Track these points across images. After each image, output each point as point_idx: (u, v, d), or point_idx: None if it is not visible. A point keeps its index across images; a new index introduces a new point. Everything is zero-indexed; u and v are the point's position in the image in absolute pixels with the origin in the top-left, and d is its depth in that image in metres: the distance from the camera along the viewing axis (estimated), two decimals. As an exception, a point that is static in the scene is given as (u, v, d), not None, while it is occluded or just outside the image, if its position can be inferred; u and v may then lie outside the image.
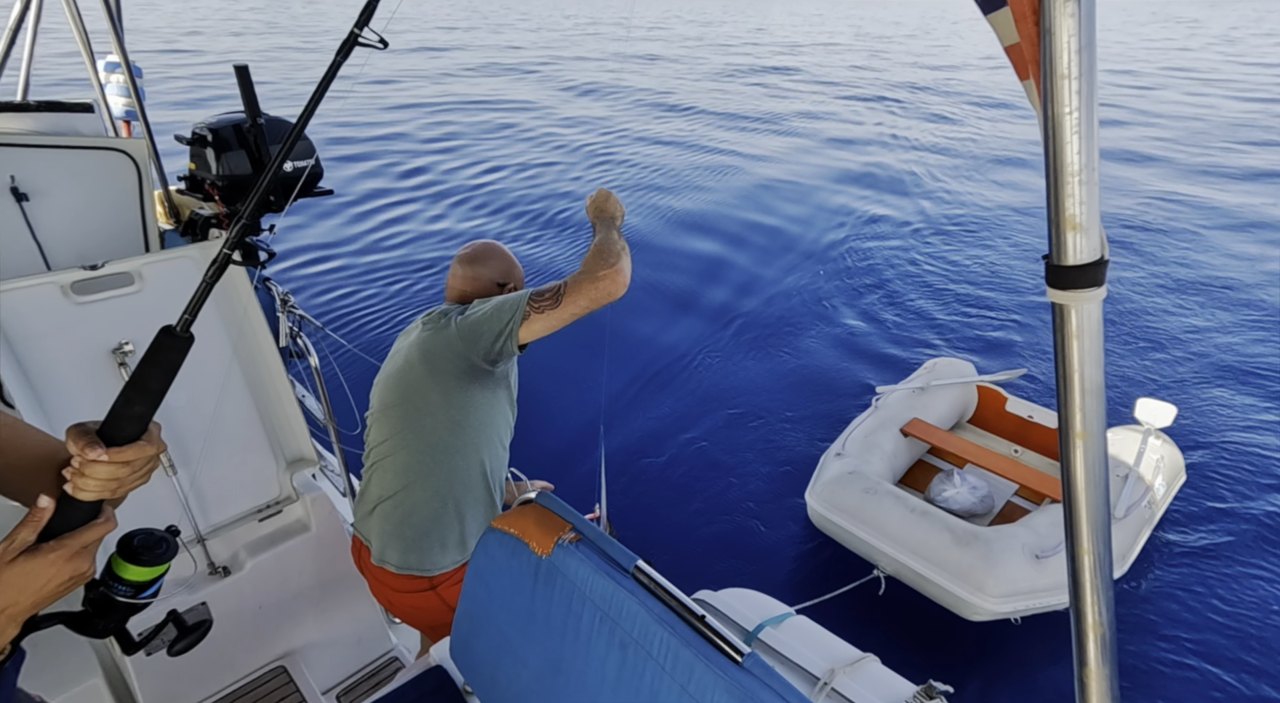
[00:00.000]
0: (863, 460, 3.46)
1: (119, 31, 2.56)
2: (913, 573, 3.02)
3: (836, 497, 3.26)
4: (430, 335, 1.59)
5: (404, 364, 1.62)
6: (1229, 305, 6.41)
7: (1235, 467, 4.29)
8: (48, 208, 2.30)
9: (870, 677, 1.57)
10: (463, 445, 1.62)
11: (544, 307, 1.47)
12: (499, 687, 1.33)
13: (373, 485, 1.70)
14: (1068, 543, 0.79)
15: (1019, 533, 2.99)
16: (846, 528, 3.20)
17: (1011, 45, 0.72)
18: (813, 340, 5.79)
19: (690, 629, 1.07)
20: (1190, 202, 9.27)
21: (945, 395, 4.09)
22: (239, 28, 28.16)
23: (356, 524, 1.77)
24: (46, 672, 1.95)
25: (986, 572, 2.82)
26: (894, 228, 8.43)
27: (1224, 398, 5.03)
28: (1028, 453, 4.04)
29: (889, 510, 3.12)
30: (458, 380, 1.57)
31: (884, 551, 3.07)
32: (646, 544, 3.60)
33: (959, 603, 2.90)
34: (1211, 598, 3.38)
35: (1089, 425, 0.74)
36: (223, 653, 2.12)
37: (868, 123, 14.38)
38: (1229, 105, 16.15)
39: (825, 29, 39.52)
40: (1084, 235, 0.68)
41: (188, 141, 2.53)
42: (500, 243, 1.82)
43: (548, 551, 1.24)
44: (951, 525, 3.01)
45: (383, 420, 1.66)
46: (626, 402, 4.85)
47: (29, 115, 2.31)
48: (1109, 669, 0.81)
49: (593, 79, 19.87)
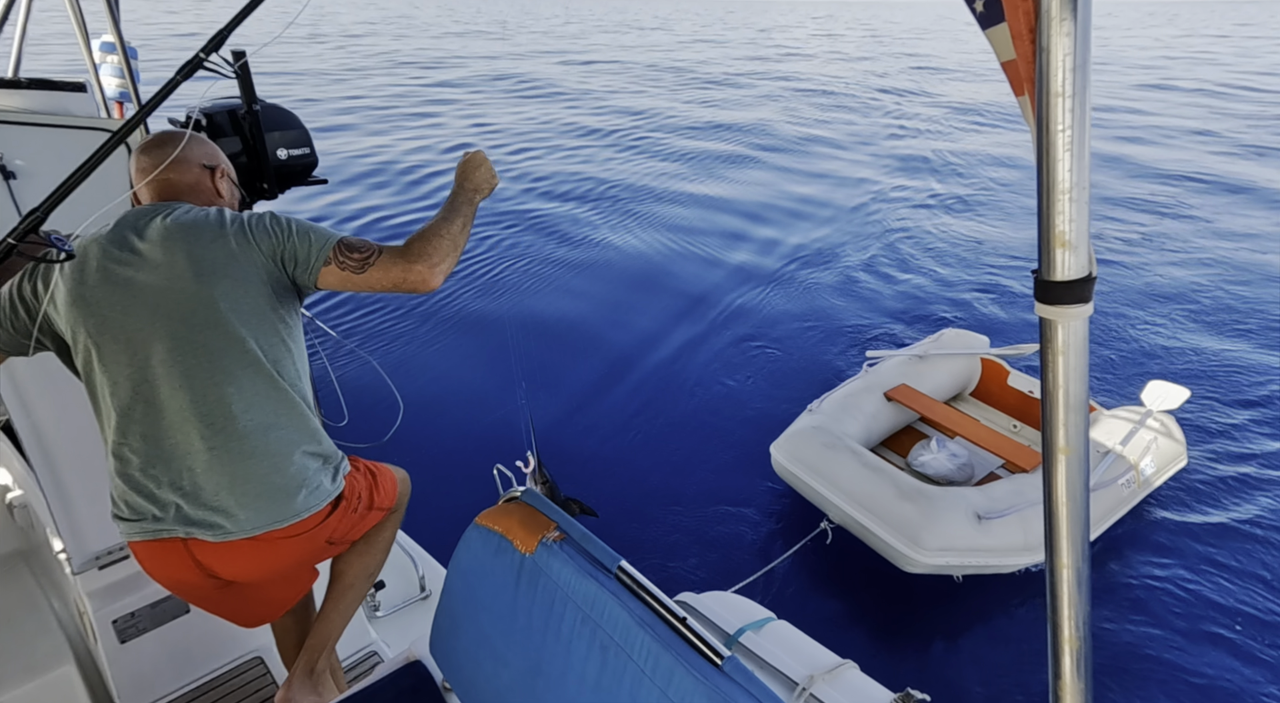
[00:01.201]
0: (833, 419, 3.58)
1: (115, 11, 2.53)
2: (857, 524, 3.13)
3: (798, 449, 3.41)
4: (212, 246, 1.29)
5: (171, 290, 1.27)
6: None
7: (1245, 458, 4.22)
8: (35, 187, 2.26)
9: (848, 684, 1.58)
10: (300, 370, 1.40)
11: (347, 264, 1.31)
12: (478, 686, 1.32)
13: (179, 448, 1.30)
14: (1047, 557, 0.80)
15: (969, 495, 3.07)
16: (801, 478, 3.35)
17: (1008, 61, 0.73)
18: (792, 317, 5.93)
19: (671, 633, 1.07)
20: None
21: (946, 366, 4.11)
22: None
23: (161, 514, 1.33)
24: (18, 658, 1.92)
25: (924, 526, 2.92)
26: (912, 207, 8.65)
27: (1255, 382, 5.00)
28: (1026, 429, 4.06)
29: (843, 464, 3.24)
30: (273, 296, 1.34)
31: (832, 501, 3.20)
32: (630, 550, 3.63)
33: (897, 555, 3.01)
34: (1174, 581, 3.43)
35: (1071, 441, 0.75)
36: (199, 642, 2.10)
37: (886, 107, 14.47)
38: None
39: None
40: (1073, 253, 0.68)
41: (181, 125, 2.51)
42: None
43: (531, 549, 1.24)
44: (900, 482, 3.10)
45: (162, 363, 1.28)
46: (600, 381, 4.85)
47: (19, 92, 2.28)
48: (1084, 683, 0.82)
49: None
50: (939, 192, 9.53)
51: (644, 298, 6.34)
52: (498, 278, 6.63)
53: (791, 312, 6.13)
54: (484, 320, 5.81)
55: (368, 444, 3.81)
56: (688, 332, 5.79)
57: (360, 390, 2.99)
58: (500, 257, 7.11)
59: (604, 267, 7.01)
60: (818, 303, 6.32)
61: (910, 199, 9.20)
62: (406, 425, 4.23)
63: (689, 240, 7.75)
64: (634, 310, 6.09)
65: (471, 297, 6.23)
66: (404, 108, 14.22)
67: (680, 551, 3.58)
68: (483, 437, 4.34)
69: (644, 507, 3.85)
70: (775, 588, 3.29)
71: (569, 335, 5.62)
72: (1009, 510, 3.01)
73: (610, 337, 5.64)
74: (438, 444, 4.23)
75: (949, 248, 7.52)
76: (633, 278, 6.75)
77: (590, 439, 4.41)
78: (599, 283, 6.62)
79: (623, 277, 6.76)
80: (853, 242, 7.70)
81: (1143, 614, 3.23)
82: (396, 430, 3.04)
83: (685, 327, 5.85)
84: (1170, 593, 3.34)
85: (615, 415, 4.65)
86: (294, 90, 15.06)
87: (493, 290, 6.38)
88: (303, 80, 16.96)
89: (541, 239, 7.67)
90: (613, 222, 8.28)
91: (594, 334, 5.66)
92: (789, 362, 5.35)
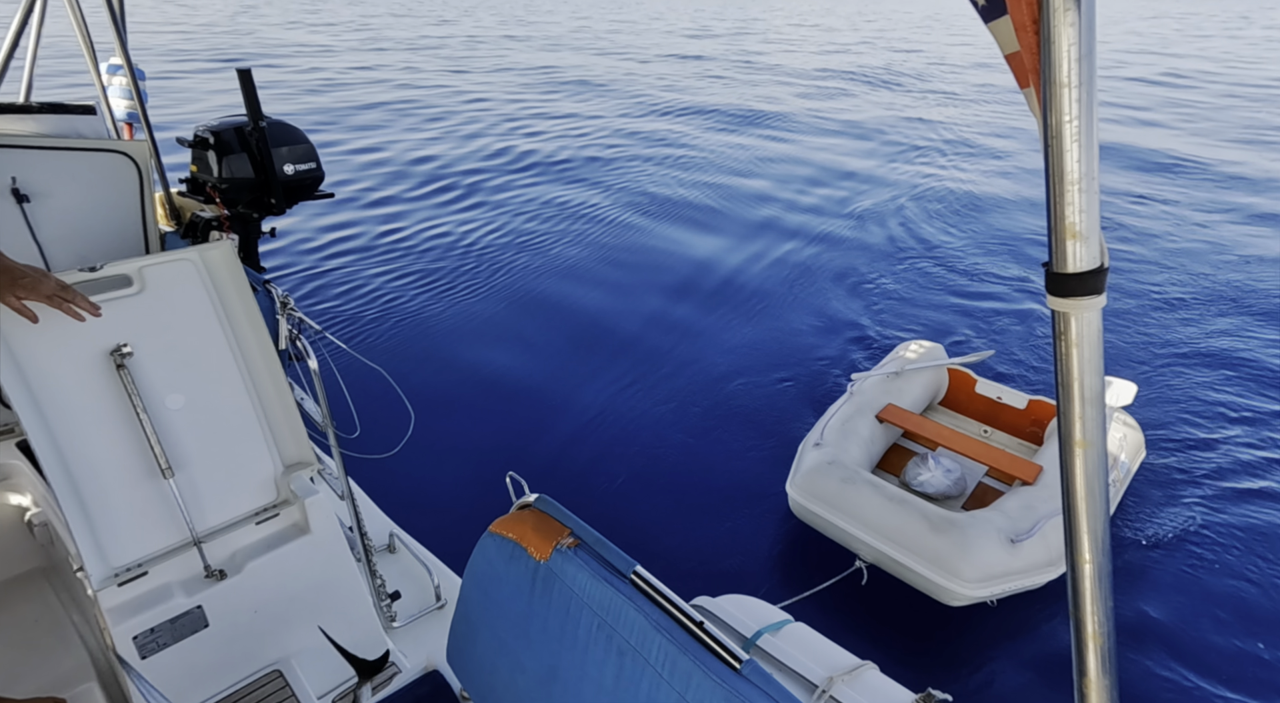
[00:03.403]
0: (841, 449, 3.50)
1: (122, 34, 2.57)
2: (892, 561, 3.06)
3: (816, 486, 3.29)
4: None
5: None
6: (1201, 291, 6.55)
7: (1196, 442, 4.45)
8: (48, 209, 2.30)
9: (869, 685, 1.56)
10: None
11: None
12: (496, 693, 1.32)
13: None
14: (1068, 553, 0.79)
15: (993, 518, 3.04)
16: (826, 517, 3.24)
17: (1012, 53, 0.73)
18: (787, 322, 5.97)
19: (688, 636, 1.07)
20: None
21: (918, 379, 4.15)
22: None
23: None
24: (42, 675, 1.94)
25: (962, 558, 2.88)
26: (865, 216, 8.59)
27: (1184, 374, 5.24)
28: (997, 433, 4.14)
29: (866, 499, 3.15)
30: None
31: (863, 539, 3.12)
32: (633, 546, 3.63)
33: (938, 589, 2.95)
34: (1178, 569, 3.49)
35: (1089, 434, 0.74)
36: (218, 657, 2.11)
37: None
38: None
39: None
40: (1084, 244, 0.68)
41: (189, 144, 2.54)
42: None
43: (546, 555, 1.24)
44: (927, 512, 3.06)
45: None
46: (610, 402, 4.85)
47: (31, 117, 2.32)
48: (1109, 680, 0.81)
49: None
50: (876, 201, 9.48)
51: (660, 294, 6.35)
52: (507, 282, 6.66)
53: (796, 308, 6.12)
54: (496, 327, 5.84)
55: (381, 455, 3.83)
56: (708, 320, 5.83)
57: (372, 402, 3.02)
58: (510, 259, 7.14)
59: (609, 267, 7.03)
60: (820, 299, 6.31)
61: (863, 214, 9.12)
62: (418, 435, 4.26)
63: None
64: (641, 304, 6.10)
65: (484, 303, 6.25)
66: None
67: (695, 556, 3.57)
68: (495, 445, 4.35)
69: (659, 512, 3.85)
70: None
71: (582, 334, 5.64)
72: (1034, 528, 3.02)
73: (626, 332, 5.65)
74: (450, 453, 4.25)
75: (887, 262, 7.46)
76: (635, 278, 6.77)
77: (602, 447, 4.42)
78: (613, 280, 6.64)
79: (627, 276, 6.78)
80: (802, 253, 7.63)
81: (1156, 603, 3.25)
82: (408, 440, 3.05)
83: (693, 310, 5.87)
84: (1174, 575, 3.43)
85: (627, 420, 4.65)
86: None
87: (509, 296, 6.40)
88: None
89: (541, 238, 7.70)
90: (614, 220, 8.30)
91: (609, 333, 5.67)
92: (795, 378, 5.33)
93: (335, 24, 30.67)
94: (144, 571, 1.97)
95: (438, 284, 6.63)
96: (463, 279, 6.76)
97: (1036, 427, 4.01)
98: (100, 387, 1.86)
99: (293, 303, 2.26)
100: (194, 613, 2.00)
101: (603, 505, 3.89)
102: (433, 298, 6.34)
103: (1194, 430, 4.56)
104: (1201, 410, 4.78)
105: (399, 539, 2.80)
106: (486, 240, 7.73)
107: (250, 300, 2.09)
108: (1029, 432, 4.04)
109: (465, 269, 6.98)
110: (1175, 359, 5.44)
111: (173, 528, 2.02)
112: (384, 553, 2.77)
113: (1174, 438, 4.48)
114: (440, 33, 28.76)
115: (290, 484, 2.23)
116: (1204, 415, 4.73)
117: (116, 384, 1.87)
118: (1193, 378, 5.18)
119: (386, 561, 2.72)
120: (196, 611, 2.01)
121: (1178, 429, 4.57)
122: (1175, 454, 4.32)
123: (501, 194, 9.41)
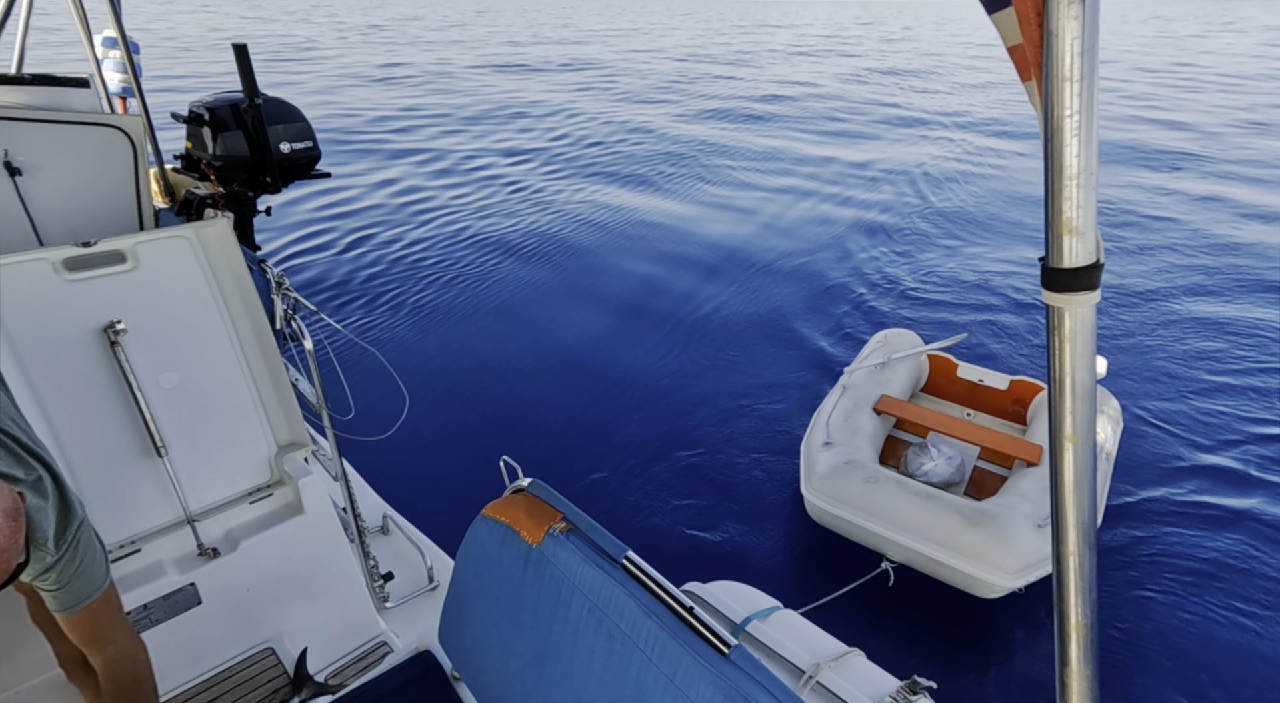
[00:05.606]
0: (853, 447, 3.39)
1: (116, 7, 2.53)
2: (925, 559, 2.97)
3: (837, 489, 3.14)
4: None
5: None
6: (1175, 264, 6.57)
7: (1168, 415, 4.59)
8: (41, 183, 2.28)
9: (855, 671, 1.58)
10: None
11: None
12: (487, 674, 1.33)
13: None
14: (1054, 545, 0.80)
15: (1018, 504, 3.00)
16: (852, 520, 3.09)
17: (1014, 46, 0.72)
18: (774, 306, 6.01)
19: (678, 621, 1.08)
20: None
21: (902, 367, 4.17)
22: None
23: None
24: (36, 650, 1.95)
25: (1002, 548, 2.82)
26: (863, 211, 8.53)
27: (1163, 349, 5.40)
28: (979, 415, 4.17)
29: (894, 498, 3.04)
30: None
31: (894, 539, 3.00)
32: (636, 541, 3.64)
33: (976, 583, 2.88)
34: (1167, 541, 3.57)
35: (1079, 429, 0.74)
36: (211, 634, 2.12)
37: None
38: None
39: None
40: (1080, 239, 0.68)
41: (184, 120, 2.51)
42: None
43: (538, 539, 1.24)
44: (959, 506, 2.99)
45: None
46: (612, 397, 4.86)
47: (23, 88, 2.28)
48: (1090, 670, 0.82)
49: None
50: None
51: (656, 276, 6.35)
52: (504, 268, 6.63)
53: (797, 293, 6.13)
54: (493, 311, 5.82)
55: (375, 437, 3.83)
56: (715, 294, 5.83)
57: (367, 384, 3.03)
58: (507, 246, 7.11)
59: (607, 251, 7.01)
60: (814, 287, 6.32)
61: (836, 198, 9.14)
62: (412, 418, 4.25)
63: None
64: (636, 286, 6.10)
65: (479, 287, 6.23)
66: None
67: (688, 542, 3.59)
68: (490, 429, 4.35)
69: (651, 499, 3.87)
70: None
71: (578, 321, 5.63)
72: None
73: (623, 319, 5.65)
74: (444, 436, 4.25)
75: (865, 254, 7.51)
76: (632, 255, 6.75)
77: (597, 432, 4.42)
78: (609, 260, 6.62)
79: (623, 257, 6.77)
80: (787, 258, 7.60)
81: (1146, 587, 3.30)
82: (403, 423, 3.05)
83: (714, 286, 5.87)
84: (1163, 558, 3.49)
85: (622, 406, 4.66)
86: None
87: (504, 280, 6.38)
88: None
89: (541, 238, 7.67)
90: (617, 232, 8.26)
91: (605, 321, 5.67)
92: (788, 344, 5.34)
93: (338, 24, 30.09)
94: (137, 547, 1.97)
95: (436, 268, 6.61)
96: (460, 264, 6.74)
97: (1019, 406, 4.01)
98: (93, 364, 1.85)
99: (288, 283, 2.25)
100: (187, 590, 2.01)
101: (596, 491, 3.90)
102: (431, 281, 6.33)
103: (1168, 404, 4.70)
104: (1178, 384, 4.92)
105: (392, 521, 2.81)
106: (483, 226, 7.70)
107: (246, 280, 2.08)
108: (1012, 411, 4.05)
109: (462, 254, 6.96)
110: (1152, 337, 5.59)
111: (166, 506, 2.03)
112: (377, 534, 2.78)
113: (1151, 417, 4.58)
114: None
115: (284, 465, 2.23)
116: (1181, 390, 4.87)
117: (110, 361, 1.87)
118: (1170, 351, 5.36)
119: (380, 542, 2.73)
120: (189, 588, 2.02)
121: (1154, 405, 4.70)
122: (1152, 431, 4.43)
123: (501, 182, 9.35)
